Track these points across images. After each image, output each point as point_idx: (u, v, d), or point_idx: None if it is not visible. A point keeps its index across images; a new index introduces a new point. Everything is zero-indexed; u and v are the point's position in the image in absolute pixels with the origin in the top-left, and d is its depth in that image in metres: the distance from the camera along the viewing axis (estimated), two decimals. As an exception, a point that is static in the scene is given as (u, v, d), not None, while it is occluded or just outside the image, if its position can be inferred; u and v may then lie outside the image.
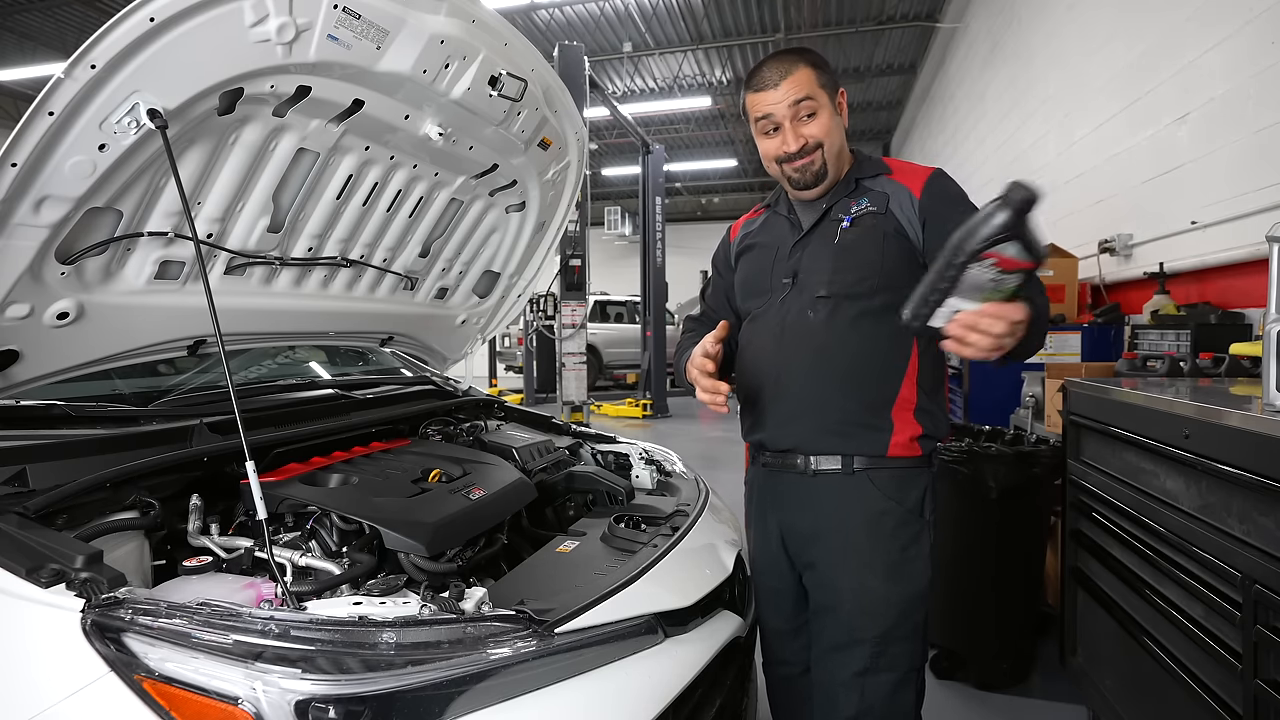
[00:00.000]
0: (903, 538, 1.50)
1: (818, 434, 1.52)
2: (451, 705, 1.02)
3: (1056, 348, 3.81)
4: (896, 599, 1.48)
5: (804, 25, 10.33)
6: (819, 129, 1.50)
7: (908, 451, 1.50)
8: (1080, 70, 5.11)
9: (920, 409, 1.51)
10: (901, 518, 1.50)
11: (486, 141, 1.95)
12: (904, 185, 1.51)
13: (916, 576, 1.50)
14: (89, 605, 1.02)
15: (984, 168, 7.90)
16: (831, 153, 1.53)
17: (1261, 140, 3.01)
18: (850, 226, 1.54)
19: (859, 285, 1.50)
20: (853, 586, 1.50)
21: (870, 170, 1.56)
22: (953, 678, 2.76)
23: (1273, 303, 1.44)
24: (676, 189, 20.49)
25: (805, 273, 1.57)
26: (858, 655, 1.49)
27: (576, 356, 8.08)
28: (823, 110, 1.51)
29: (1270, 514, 1.35)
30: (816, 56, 1.55)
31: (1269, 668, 1.34)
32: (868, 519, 1.50)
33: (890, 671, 1.48)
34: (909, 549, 1.50)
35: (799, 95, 1.48)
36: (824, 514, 1.54)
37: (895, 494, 1.50)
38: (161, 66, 1.26)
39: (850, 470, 1.51)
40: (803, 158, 1.52)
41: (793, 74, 1.49)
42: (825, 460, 1.53)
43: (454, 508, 1.50)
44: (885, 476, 1.50)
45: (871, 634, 1.48)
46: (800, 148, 1.51)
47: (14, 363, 1.49)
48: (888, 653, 1.48)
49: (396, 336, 2.47)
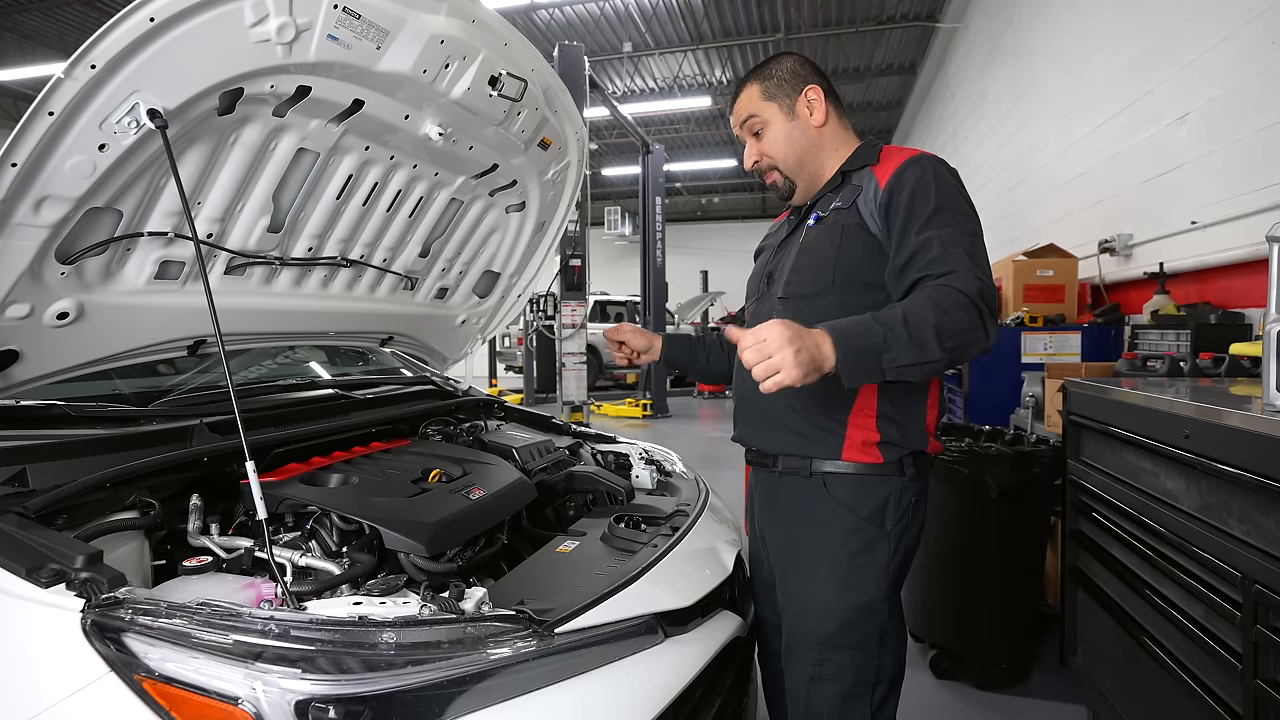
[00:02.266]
0: (852, 545, 1.45)
1: (779, 434, 1.53)
2: (451, 705, 1.02)
3: (1056, 348, 3.81)
4: (840, 607, 1.44)
5: (804, 25, 10.32)
6: (767, 144, 1.57)
7: (864, 457, 1.45)
8: (1080, 70, 5.11)
9: (883, 416, 1.46)
10: (853, 525, 1.45)
11: (486, 141, 1.95)
12: (876, 176, 1.46)
13: (865, 586, 1.45)
14: (89, 605, 1.02)
15: (984, 168, 7.90)
16: (790, 165, 1.55)
17: (1261, 140, 3.01)
18: (815, 225, 1.53)
19: (813, 285, 1.49)
20: (800, 591, 1.50)
21: (859, 162, 1.52)
22: (953, 678, 2.76)
23: (1273, 303, 1.44)
24: (676, 189, 20.49)
25: (777, 274, 1.60)
26: (804, 661, 1.48)
27: (576, 356, 8.08)
28: (771, 123, 1.55)
29: (1270, 514, 1.34)
30: (776, 66, 1.56)
31: (1269, 668, 1.34)
32: (816, 522, 1.48)
33: (835, 681, 1.45)
34: (858, 558, 1.45)
35: (742, 116, 1.59)
36: (782, 515, 1.55)
37: (848, 500, 1.46)
38: (161, 66, 1.26)
39: (809, 473, 1.50)
40: (765, 176, 1.61)
41: (740, 94, 1.60)
42: (788, 461, 1.53)
43: (454, 508, 1.50)
44: (841, 481, 1.47)
45: (813, 640, 1.46)
46: (754, 164, 1.60)
47: (14, 363, 1.49)
48: (831, 661, 1.45)
49: (396, 336, 2.47)
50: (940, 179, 1.41)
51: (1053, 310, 4.04)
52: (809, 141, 1.55)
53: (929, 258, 1.33)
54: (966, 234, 1.36)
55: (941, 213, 1.37)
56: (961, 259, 1.31)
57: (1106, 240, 4.38)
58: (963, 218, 1.38)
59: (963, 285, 1.27)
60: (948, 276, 1.29)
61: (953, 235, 1.34)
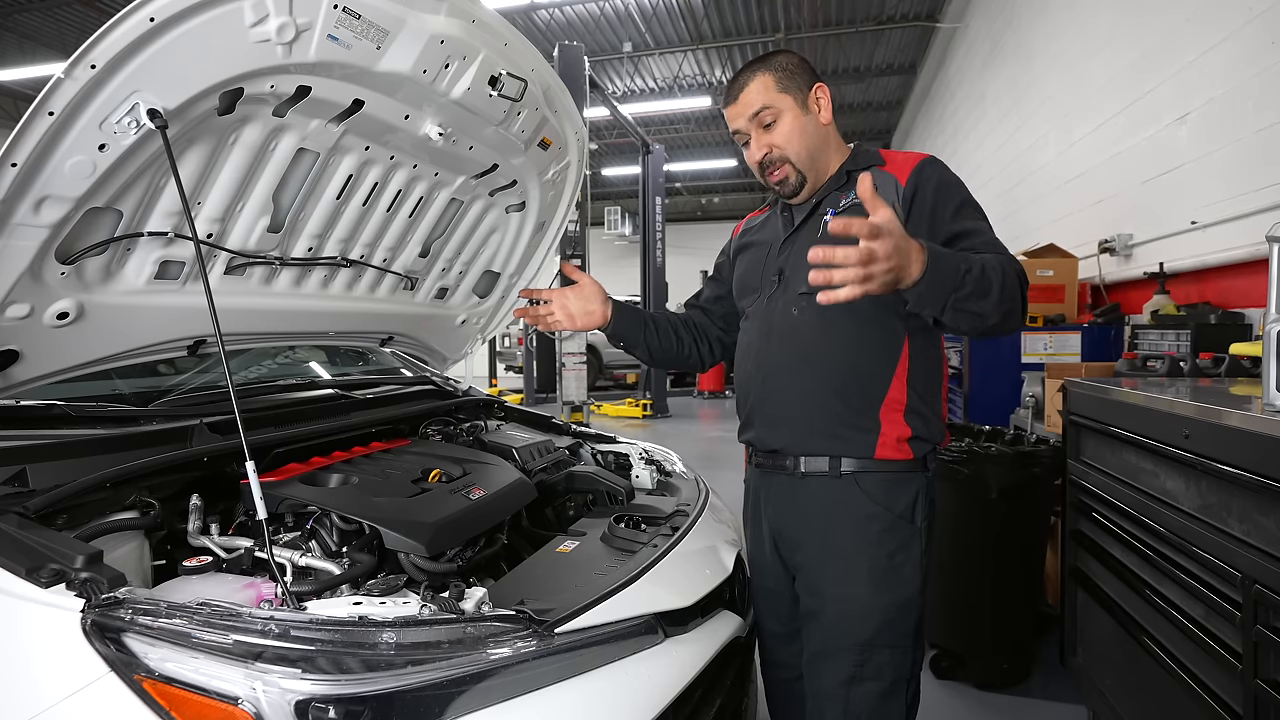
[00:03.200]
0: (890, 544, 1.46)
1: (804, 435, 1.51)
2: (451, 705, 1.02)
3: (1056, 348, 3.81)
4: (882, 606, 1.45)
5: (804, 25, 10.33)
6: (780, 136, 1.52)
7: (897, 454, 1.47)
8: (1080, 70, 5.11)
9: (911, 410, 1.47)
10: (889, 523, 1.46)
11: (486, 141, 1.95)
12: (892, 175, 1.48)
13: (905, 584, 1.46)
14: (89, 605, 1.02)
15: (984, 168, 7.91)
16: (803, 159, 1.53)
17: (1261, 140, 3.01)
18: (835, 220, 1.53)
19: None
20: (837, 593, 1.48)
21: (864, 162, 1.54)
22: (953, 677, 2.76)
23: (1273, 303, 1.44)
24: (676, 189, 20.49)
25: (791, 269, 1.56)
26: (842, 663, 1.47)
27: (576, 356, 8.08)
28: (785, 115, 1.51)
29: (1270, 514, 1.34)
30: (782, 59, 1.54)
31: (1269, 668, 1.34)
32: (853, 524, 1.47)
33: (876, 680, 1.45)
34: (896, 555, 1.46)
35: (755, 107, 1.52)
36: (810, 517, 1.52)
37: (883, 499, 1.47)
38: (161, 66, 1.26)
39: (838, 473, 1.48)
40: (774, 170, 1.55)
41: (749, 85, 1.53)
42: (813, 461, 1.51)
43: (454, 508, 1.50)
44: (873, 480, 1.47)
45: (855, 642, 1.46)
46: (764, 155, 1.54)
47: (14, 363, 1.49)
48: (872, 661, 1.45)
49: (396, 336, 2.47)
50: (957, 179, 1.48)
51: (1053, 310, 4.05)
52: (820, 137, 1.55)
53: (978, 241, 1.40)
54: (990, 229, 1.44)
55: (968, 206, 1.45)
56: (1000, 246, 1.40)
57: (1106, 240, 4.38)
58: (982, 216, 1.46)
59: (1010, 265, 1.34)
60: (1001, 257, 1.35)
61: (983, 228, 1.43)
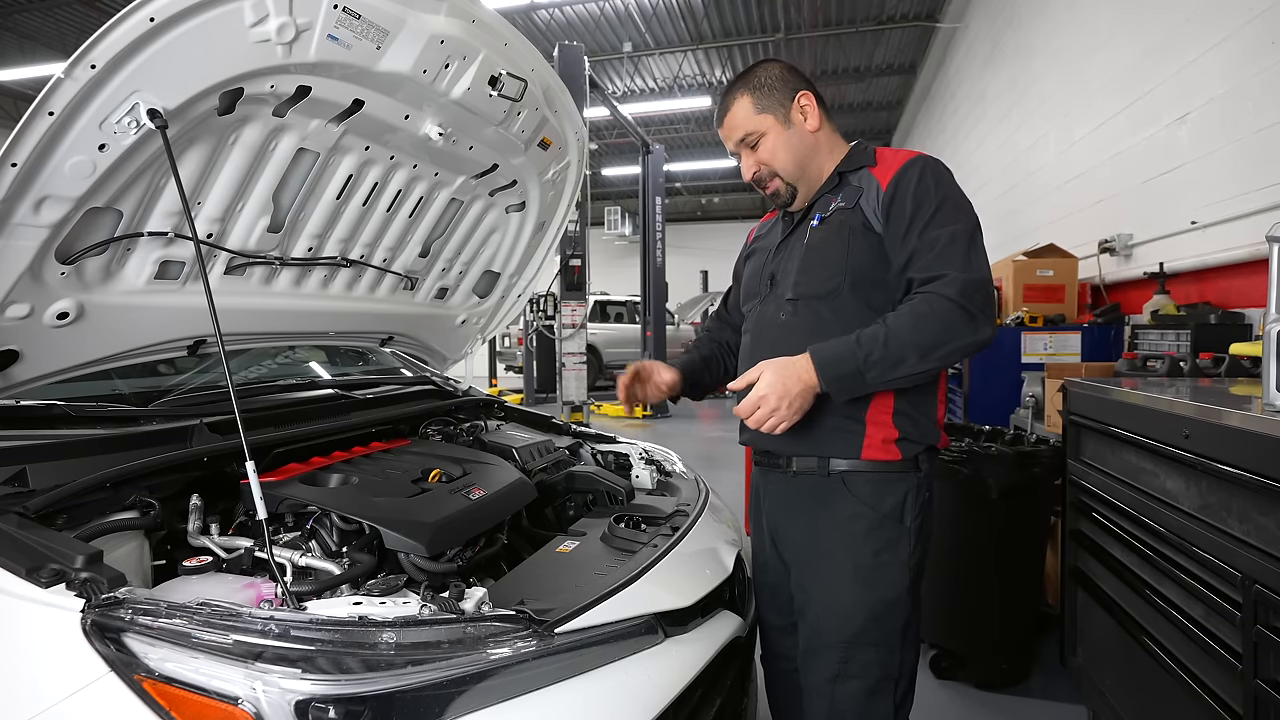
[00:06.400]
0: (875, 543, 1.47)
1: (792, 436, 1.51)
2: (451, 705, 1.02)
3: (1056, 348, 3.81)
4: (867, 604, 1.46)
5: (804, 25, 10.33)
6: (765, 154, 1.56)
7: (884, 454, 1.47)
8: (1080, 70, 5.11)
9: (898, 412, 1.48)
10: (875, 522, 1.47)
11: (486, 141, 1.95)
12: (876, 179, 1.48)
13: (890, 583, 1.47)
14: (89, 605, 1.02)
15: (984, 167, 7.91)
16: (790, 172, 1.55)
17: (1261, 140, 3.01)
18: (819, 225, 1.53)
19: (824, 285, 1.49)
20: (822, 590, 1.50)
21: (856, 163, 1.54)
22: (953, 677, 2.76)
23: (1273, 303, 1.44)
24: (676, 189, 20.49)
25: (780, 275, 1.59)
26: (827, 660, 1.48)
27: (576, 356, 8.08)
28: (767, 135, 1.54)
29: (1270, 514, 1.34)
30: (761, 75, 1.55)
31: (1269, 668, 1.34)
32: (839, 522, 1.49)
33: (860, 679, 1.46)
34: (882, 554, 1.47)
35: (739, 133, 1.56)
36: (801, 515, 1.55)
37: (869, 498, 1.48)
38: (161, 66, 1.26)
39: (826, 472, 1.50)
40: (765, 185, 1.59)
41: (731, 108, 1.57)
42: (803, 461, 1.53)
43: (454, 508, 1.50)
44: (861, 480, 1.48)
45: (839, 639, 1.47)
46: (754, 173, 1.58)
47: (14, 363, 1.49)
48: (856, 659, 1.46)
49: (396, 336, 2.47)
50: (940, 178, 1.46)
51: (1053, 310, 4.04)
52: (806, 147, 1.55)
53: (925, 259, 1.41)
54: (964, 232, 1.41)
55: (942, 211, 1.42)
56: (954, 259, 1.38)
57: (1106, 240, 4.38)
58: (962, 215, 1.44)
59: (945, 290, 1.35)
60: (935, 282, 1.37)
61: (951, 234, 1.40)
